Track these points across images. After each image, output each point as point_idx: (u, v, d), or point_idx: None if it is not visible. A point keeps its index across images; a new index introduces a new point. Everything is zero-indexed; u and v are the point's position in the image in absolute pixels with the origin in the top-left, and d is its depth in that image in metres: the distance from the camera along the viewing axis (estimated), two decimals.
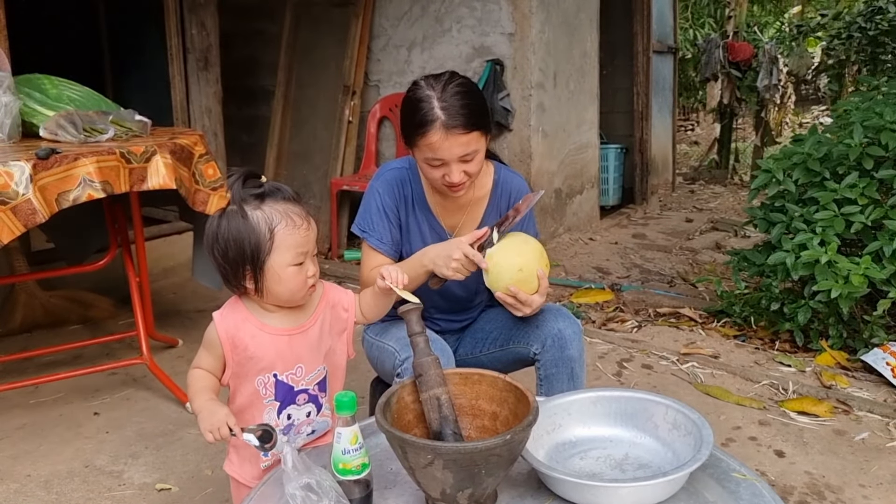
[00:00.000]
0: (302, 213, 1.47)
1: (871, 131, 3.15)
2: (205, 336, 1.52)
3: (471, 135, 1.76)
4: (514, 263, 1.76)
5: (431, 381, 1.34)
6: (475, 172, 1.83)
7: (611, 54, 6.78)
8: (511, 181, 2.03)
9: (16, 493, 2.31)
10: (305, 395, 1.56)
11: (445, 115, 1.73)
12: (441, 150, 1.75)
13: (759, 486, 1.32)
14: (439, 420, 1.33)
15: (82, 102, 2.90)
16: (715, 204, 7.16)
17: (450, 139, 1.74)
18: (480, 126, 1.79)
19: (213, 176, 2.84)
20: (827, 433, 2.64)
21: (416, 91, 1.79)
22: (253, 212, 1.43)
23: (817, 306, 3.16)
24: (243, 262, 1.44)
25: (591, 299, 4.08)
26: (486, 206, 2.00)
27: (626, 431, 1.46)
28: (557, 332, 1.90)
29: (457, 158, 1.77)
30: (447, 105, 1.74)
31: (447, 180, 1.80)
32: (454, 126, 1.73)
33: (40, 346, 3.35)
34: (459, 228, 1.99)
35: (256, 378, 1.52)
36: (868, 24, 8.08)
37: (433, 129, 1.74)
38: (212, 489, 2.31)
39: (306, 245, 1.47)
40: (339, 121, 4.99)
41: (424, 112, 1.75)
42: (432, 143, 1.75)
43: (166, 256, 4.39)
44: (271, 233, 1.43)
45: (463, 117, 1.74)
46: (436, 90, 1.76)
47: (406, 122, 1.81)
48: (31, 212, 2.29)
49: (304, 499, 1.19)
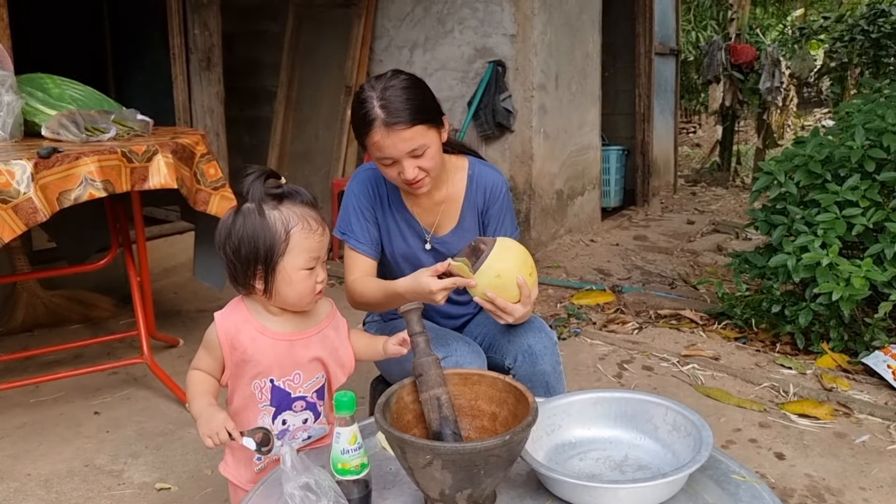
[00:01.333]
0: (318, 219, 1.47)
1: (872, 134, 3.14)
2: (205, 336, 1.52)
3: (414, 129, 1.74)
4: (491, 268, 1.68)
5: (432, 381, 1.34)
6: (431, 168, 1.80)
7: (613, 56, 6.79)
8: (486, 175, 1.99)
9: (16, 491, 2.32)
10: (303, 402, 1.55)
11: (384, 113, 1.73)
12: (386, 147, 1.75)
13: (759, 487, 1.31)
14: (439, 420, 1.33)
15: (84, 102, 2.91)
16: (716, 206, 7.16)
17: (391, 136, 1.73)
18: (424, 120, 1.76)
19: (214, 176, 2.85)
20: (827, 436, 2.64)
21: (360, 93, 1.79)
22: (271, 211, 1.42)
23: (818, 309, 3.16)
24: (255, 261, 1.43)
25: (591, 301, 4.08)
26: (462, 202, 1.97)
27: (625, 433, 1.45)
28: (527, 347, 1.89)
29: (405, 155, 1.75)
30: (386, 102, 1.73)
31: (403, 177, 1.79)
32: (394, 123, 1.72)
33: (41, 345, 3.35)
34: (437, 226, 1.97)
35: (253, 382, 1.51)
36: (871, 27, 8.09)
37: (374, 129, 1.74)
38: (211, 489, 2.31)
39: (319, 250, 1.47)
40: (340, 121, 4.99)
41: (365, 112, 1.75)
42: (376, 142, 1.75)
43: (167, 256, 4.40)
44: (287, 234, 1.42)
45: (403, 112, 1.73)
46: (376, 90, 1.76)
47: (354, 124, 1.82)
48: (32, 211, 2.29)
49: (303, 498, 1.19)
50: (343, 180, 4.90)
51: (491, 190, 1.98)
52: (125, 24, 5.36)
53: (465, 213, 1.97)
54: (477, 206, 1.98)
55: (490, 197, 1.97)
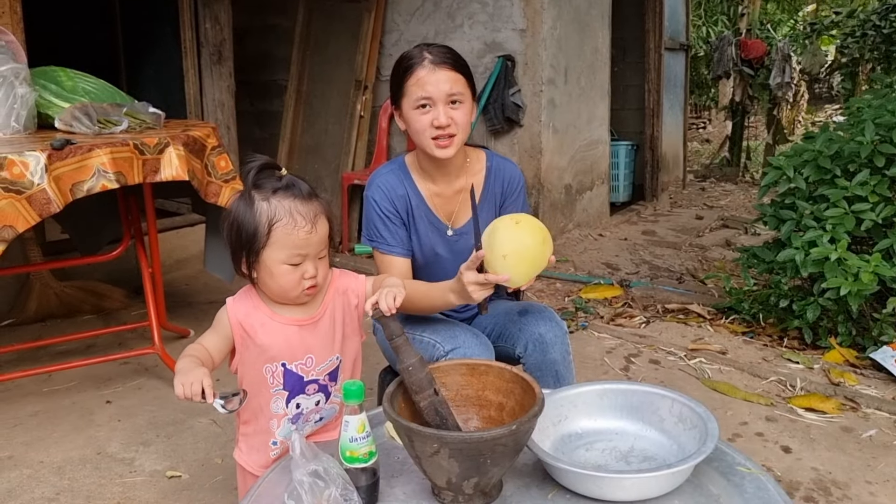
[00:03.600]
0: (309, 215, 1.44)
1: (882, 129, 3.14)
2: (215, 318, 1.53)
3: (457, 74, 1.83)
4: (497, 252, 1.60)
5: (419, 385, 1.33)
6: (463, 124, 1.84)
7: (622, 51, 6.78)
8: (504, 167, 2.02)
9: (29, 478, 2.35)
10: (315, 385, 1.57)
11: (431, 55, 1.82)
12: (428, 83, 1.80)
13: (764, 479, 1.32)
14: (437, 420, 1.33)
15: (97, 95, 2.93)
16: (725, 201, 7.14)
17: (437, 73, 1.80)
18: (466, 75, 1.86)
19: (225, 168, 2.87)
20: (834, 430, 2.64)
21: (404, 52, 1.90)
22: (260, 202, 1.43)
23: (826, 304, 3.16)
24: (241, 248, 1.46)
25: (599, 295, 4.08)
26: (481, 192, 2.00)
27: (631, 424, 1.47)
28: (538, 336, 1.91)
29: (444, 97, 1.80)
30: (433, 50, 1.84)
31: (436, 122, 1.81)
32: (440, 62, 1.82)
33: (54, 335, 3.39)
34: (455, 217, 1.99)
35: (264, 366, 1.53)
36: (882, 22, 8.03)
37: (420, 66, 1.81)
38: (221, 477, 2.33)
39: (305, 248, 1.45)
40: (350, 115, 5.01)
41: (411, 56, 1.84)
42: (420, 78, 1.80)
43: (179, 248, 4.43)
44: (269, 228, 1.42)
45: (449, 58, 1.84)
46: (421, 47, 1.86)
47: (394, 76, 1.88)
48: (45, 201, 2.32)
49: (312, 485, 1.20)
50: (353, 174, 4.92)
51: (509, 181, 2.01)
52: (137, 19, 5.38)
53: (483, 203, 2.00)
54: (495, 196, 2.01)
55: (508, 188, 2.01)
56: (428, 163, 1.92)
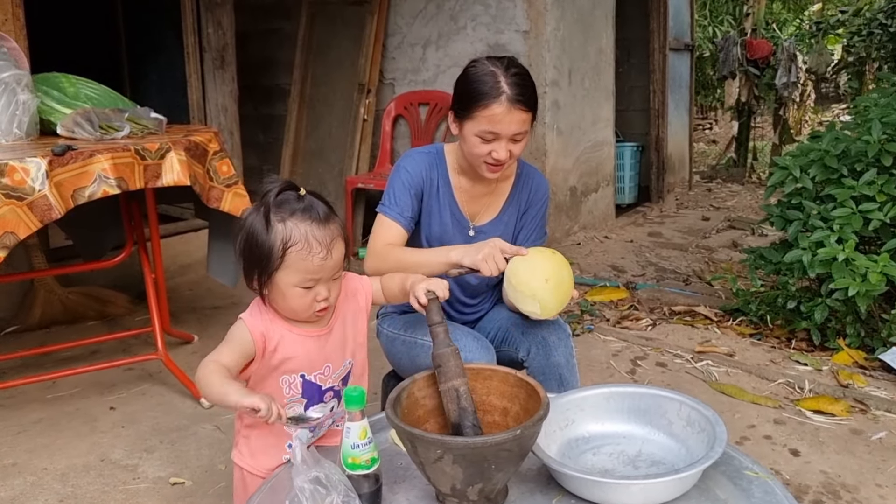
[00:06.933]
0: (325, 240, 1.40)
1: (890, 128, 3.11)
2: (230, 333, 1.48)
3: (528, 115, 1.81)
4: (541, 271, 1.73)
5: (451, 373, 1.35)
6: (517, 155, 1.87)
7: (627, 52, 6.75)
8: (533, 176, 2.06)
9: (32, 485, 2.34)
10: (331, 392, 1.56)
11: (514, 91, 1.77)
12: (501, 123, 1.78)
13: (772, 483, 1.30)
14: (458, 412, 1.33)
15: (99, 100, 2.93)
16: (732, 202, 7.11)
17: (512, 113, 1.77)
18: (534, 110, 1.84)
19: (227, 173, 2.86)
20: (843, 432, 2.61)
21: (479, 66, 1.83)
22: (276, 224, 1.39)
23: (834, 304, 3.13)
24: (253, 266, 1.43)
25: (605, 297, 4.06)
26: (508, 196, 2.02)
27: (639, 428, 1.45)
28: (541, 339, 1.91)
29: (511, 135, 1.80)
30: (517, 80, 1.79)
31: (493, 157, 1.82)
32: (518, 102, 1.77)
33: (58, 341, 3.38)
34: (479, 216, 2.01)
35: (281, 377, 1.50)
36: (889, 21, 7.99)
37: (498, 102, 1.77)
38: (224, 483, 2.32)
39: (319, 272, 1.41)
40: (354, 119, 5.00)
41: (491, 85, 1.78)
42: (495, 114, 1.77)
43: (182, 254, 4.42)
44: (284, 251, 1.39)
45: (526, 96, 1.79)
46: (500, 67, 1.80)
47: (466, 93, 1.82)
48: (47, 207, 2.31)
49: (313, 492, 1.19)
50: (356, 177, 4.91)
51: (536, 190, 2.04)
52: (140, 24, 5.40)
53: (508, 207, 2.02)
54: (520, 202, 2.04)
55: (534, 196, 2.04)
56: (468, 165, 1.93)
